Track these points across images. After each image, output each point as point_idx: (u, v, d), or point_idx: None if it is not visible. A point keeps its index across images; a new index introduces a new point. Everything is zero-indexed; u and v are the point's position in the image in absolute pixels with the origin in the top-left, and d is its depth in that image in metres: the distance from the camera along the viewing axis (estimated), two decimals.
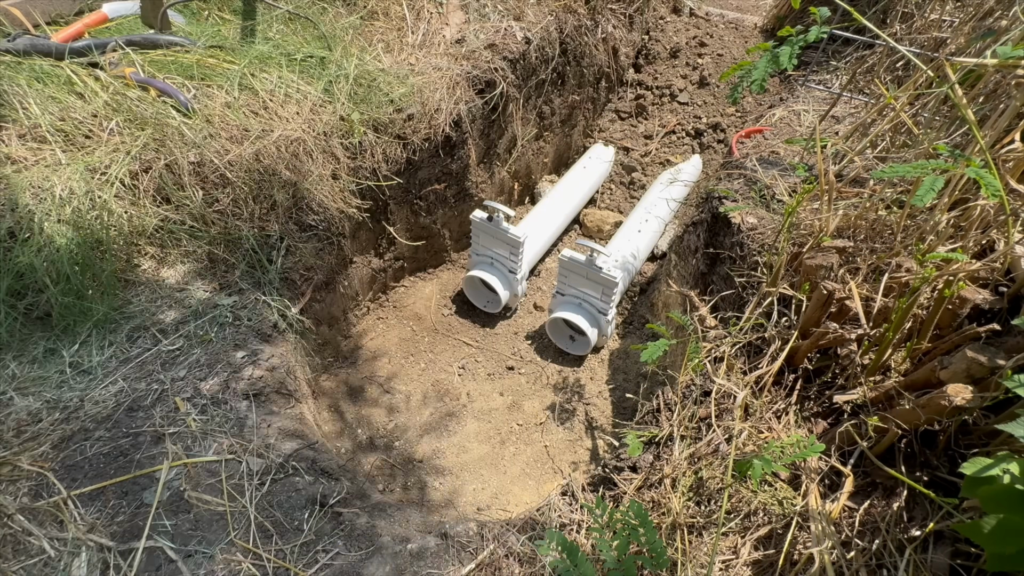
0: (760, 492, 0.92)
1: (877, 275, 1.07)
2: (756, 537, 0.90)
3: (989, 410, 0.83)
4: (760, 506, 0.92)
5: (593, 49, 2.49)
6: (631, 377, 1.92)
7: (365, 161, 1.65)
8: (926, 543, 0.80)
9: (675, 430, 1.10)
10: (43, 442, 1.01)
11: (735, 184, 1.59)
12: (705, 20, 2.99)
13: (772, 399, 1.05)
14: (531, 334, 2.07)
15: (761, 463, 0.83)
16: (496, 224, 1.88)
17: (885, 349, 0.94)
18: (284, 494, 1.02)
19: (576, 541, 0.99)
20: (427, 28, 1.96)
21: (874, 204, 1.22)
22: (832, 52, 2.24)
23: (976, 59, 1.07)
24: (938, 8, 1.82)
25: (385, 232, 1.91)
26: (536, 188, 2.61)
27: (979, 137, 0.94)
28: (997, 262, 0.93)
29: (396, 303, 2.12)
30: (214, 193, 1.38)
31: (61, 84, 1.39)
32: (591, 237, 2.45)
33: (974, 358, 0.78)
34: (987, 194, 0.82)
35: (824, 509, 0.86)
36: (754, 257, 1.34)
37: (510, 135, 2.22)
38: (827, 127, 1.75)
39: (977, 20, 1.50)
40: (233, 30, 1.77)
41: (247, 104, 1.48)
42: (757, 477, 0.83)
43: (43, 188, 1.21)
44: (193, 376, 1.15)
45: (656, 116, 2.80)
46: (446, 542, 1.01)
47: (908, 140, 1.43)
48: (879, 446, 0.90)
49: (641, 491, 1.03)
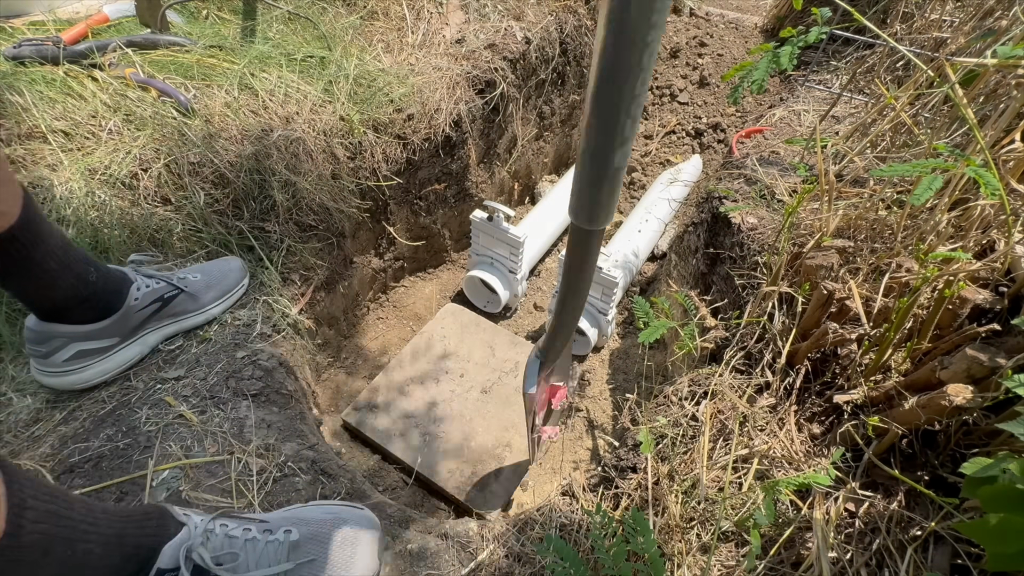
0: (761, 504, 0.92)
1: (877, 275, 1.07)
2: None
3: (989, 410, 0.83)
4: None
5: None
6: (631, 377, 1.92)
7: (365, 161, 1.65)
8: (927, 543, 0.80)
9: (675, 430, 1.10)
10: (43, 442, 1.01)
11: (735, 184, 1.59)
12: (705, 20, 2.99)
13: (772, 400, 1.05)
14: (531, 334, 2.07)
15: (767, 508, 0.83)
16: (496, 224, 1.88)
17: (885, 349, 0.94)
18: (284, 495, 1.02)
19: (576, 541, 0.99)
20: (427, 28, 1.96)
21: (874, 204, 1.22)
22: (832, 52, 2.24)
23: (976, 59, 1.07)
24: (938, 8, 1.82)
25: (385, 232, 1.91)
26: (536, 188, 2.61)
27: (979, 137, 0.94)
28: (997, 262, 0.93)
29: (396, 303, 2.12)
30: (214, 193, 1.38)
31: (61, 85, 1.39)
32: None
33: (974, 358, 0.78)
34: (987, 194, 0.82)
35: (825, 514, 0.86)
36: (754, 257, 1.34)
37: (510, 135, 2.22)
38: (827, 127, 1.75)
39: (977, 20, 1.50)
40: (232, 30, 1.77)
41: (247, 104, 1.48)
42: (771, 515, 0.83)
43: (43, 188, 1.21)
44: (193, 376, 1.14)
45: (656, 116, 2.80)
46: (446, 542, 1.01)
47: (908, 140, 1.43)
48: (879, 446, 0.90)
49: (641, 491, 1.03)
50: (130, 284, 1.10)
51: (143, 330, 1.14)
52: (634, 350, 2.00)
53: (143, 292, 1.11)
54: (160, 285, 1.14)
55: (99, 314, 1.06)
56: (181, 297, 1.17)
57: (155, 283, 1.13)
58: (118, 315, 1.07)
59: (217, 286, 1.24)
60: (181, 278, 1.18)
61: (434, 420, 1.70)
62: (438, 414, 1.72)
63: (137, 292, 1.10)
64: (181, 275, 1.20)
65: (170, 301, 1.15)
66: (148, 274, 1.14)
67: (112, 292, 1.07)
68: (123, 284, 1.09)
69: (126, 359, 1.13)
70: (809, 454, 0.97)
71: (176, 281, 1.16)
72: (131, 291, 1.09)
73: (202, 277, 1.22)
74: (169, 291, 1.15)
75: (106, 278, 1.05)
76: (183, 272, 1.22)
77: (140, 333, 1.14)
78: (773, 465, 0.97)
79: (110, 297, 1.07)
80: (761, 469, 0.96)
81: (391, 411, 1.71)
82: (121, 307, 1.08)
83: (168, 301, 1.15)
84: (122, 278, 1.09)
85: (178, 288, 1.16)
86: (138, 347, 1.15)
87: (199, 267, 1.26)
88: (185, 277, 1.19)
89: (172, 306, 1.16)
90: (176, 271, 1.22)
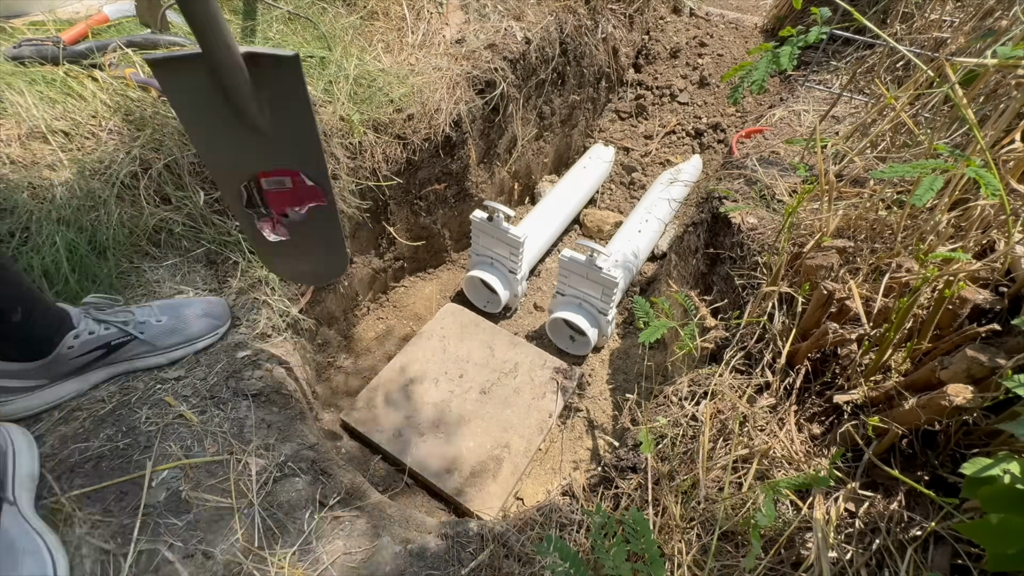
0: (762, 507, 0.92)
1: (877, 275, 1.07)
2: None
3: (989, 410, 0.83)
4: None
5: (593, 49, 2.50)
6: (631, 377, 1.92)
7: (365, 161, 1.65)
8: (927, 543, 0.80)
9: (675, 430, 1.10)
10: (43, 442, 1.01)
11: (735, 184, 1.59)
12: (705, 20, 2.99)
13: (772, 400, 1.05)
14: (531, 334, 2.07)
15: (767, 508, 0.83)
16: (496, 224, 1.88)
17: (885, 349, 0.94)
18: (284, 495, 1.02)
19: (576, 542, 0.99)
20: (427, 28, 1.96)
21: (874, 204, 1.22)
22: (832, 52, 2.24)
23: (976, 59, 1.07)
24: (938, 8, 1.82)
25: (385, 232, 1.91)
26: (536, 188, 2.61)
27: (979, 137, 0.94)
28: (997, 262, 0.93)
29: (396, 303, 2.12)
30: (214, 193, 1.38)
31: (61, 85, 1.39)
32: (591, 237, 2.45)
33: (974, 358, 0.78)
34: (987, 194, 0.82)
35: (825, 514, 0.86)
36: (754, 257, 1.34)
37: (510, 135, 2.22)
38: (827, 127, 1.75)
39: (977, 20, 1.50)
40: (232, 30, 1.77)
41: None
42: (771, 516, 0.83)
43: (43, 188, 1.21)
44: (193, 376, 1.14)
45: (656, 116, 2.80)
46: (447, 542, 1.01)
47: (908, 140, 1.43)
48: (879, 446, 0.90)
49: (641, 491, 1.03)
50: (68, 330, 1.02)
51: (85, 371, 1.07)
52: (634, 350, 2.00)
53: (82, 340, 1.03)
54: (109, 331, 1.06)
55: (21, 354, 0.99)
56: (133, 344, 1.10)
57: (103, 329, 1.06)
58: (45, 361, 1.01)
59: (183, 331, 1.15)
60: (140, 322, 1.11)
61: (433, 421, 1.70)
62: (437, 415, 1.72)
63: (74, 340, 1.02)
64: (142, 318, 1.11)
65: (118, 348, 1.08)
66: (100, 319, 1.07)
67: (40, 338, 1.00)
68: (57, 330, 1.02)
69: (58, 396, 1.05)
70: (809, 454, 0.97)
71: (132, 327, 1.09)
72: (66, 338, 1.02)
73: (167, 321, 1.14)
74: (118, 337, 1.08)
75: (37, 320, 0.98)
76: (146, 313, 1.13)
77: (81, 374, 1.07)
78: (773, 465, 0.97)
79: (37, 341, 1.00)
80: (761, 469, 0.96)
81: (391, 411, 1.71)
82: (50, 354, 1.01)
83: (115, 348, 1.08)
84: (60, 322, 1.02)
85: (130, 335, 1.09)
86: (76, 384, 1.07)
87: (171, 306, 1.17)
88: (145, 321, 1.11)
89: (121, 352, 1.09)
90: (139, 312, 1.13)
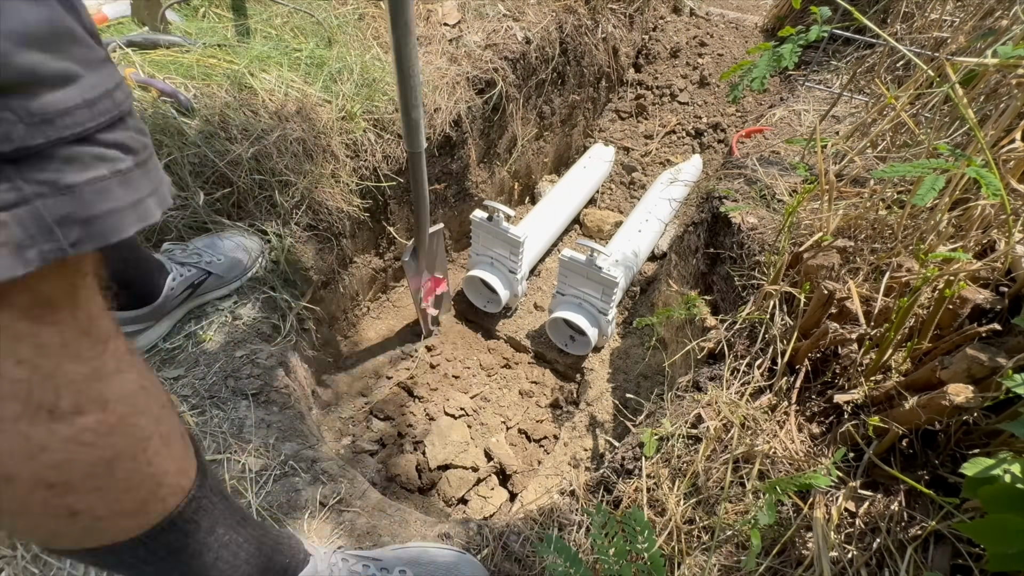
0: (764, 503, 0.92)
1: (877, 275, 1.07)
2: None
3: (990, 410, 0.83)
4: None
5: (593, 49, 2.49)
6: (631, 377, 1.92)
7: (365, 161, 1.65)
8: (927, 543, 0.80)
9: (674, 431, 1.10)
10: None
11: (735, 184, 1.59)
12: (705, 20, 2.99)
13: (772, 400, 1.05)
14: (531, 333, 2.07)
15: (768, 509, 0.83)
16: (496, 224, 1.88)
17: (886, 349, 0.94)
18: (284, 495, 1.02)
19: (576, 542, 0.99)
20: (427, 28, 1.96)
21: (874, 204, 1.22)
22: (832, 52, 2.24)
23: (977, 59, 1.07)
24: (938, 8, 1.82)
25: (385, 232, 1.90)
26: (536, 188, 2.61)
27: (980, 137, 0.94)
28: (998, 262, 0.93)
29: (396, 303, 2.12)
30: (214, 193, 1.38)
31: None
32: (591, 237, 2.45)
33: (975, 358, 0.78)
34: (988, 194, 0.82)
35: (826, 514, 0.86)
36: (754, 257, 1.34)
37: (510, 135, 2.22)
38: (827, 127, 1.74)
39: (977, 20, 1.50)
40: (232, 29, 1.77)
41: (247, 104, 1.47)
42: (772, 515, 0.83)
43: None
44: (192, 375, 1.14)
45: (656, 116, 2.80)
46: (447, 542, 1.01)
47: (909, 140, 1.43)
48: (880, 446, 0.90)
49: (641, 492, 1.03)
50: (167, 275, 1.16)
51: (175, 311, 1.24)
52: (634, 350, 2.00)
53: (178, 281, 1.19)
54: (192, 272, 1.22)
55: (138, 302, 1.12)
56: (210, 280, 1.26)
57: (187, 271, 1.21)
58: (153, 306, 1.15)
59: (238, 264, 1.33)
60: (208, 261, 1.26)
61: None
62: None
63: (172, 283, 1.17)
64: (208, 258, 1.27)
65: (199, 285, 1.24)
66: (181, 261, 1.21)
67: (152, 286, 1.14)
68: (160, 275, 1.15)
69: (159, 334, 1.22)
70: (810, 454, 0.97)
71: (204, 265, 1.25)
72: (167, 282, 1.16)
73: (224, 259, 1.30)
74: (199, 276, 1.24)
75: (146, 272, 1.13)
76: (207, 252, 1.28)
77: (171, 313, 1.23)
78: (774, 465, 0.97)
79: (149, 290, 1.13)
80: (762, 469, 0.96)
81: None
82: (158, 298, 1.15)
83: (198, 286, 1.24)
84: (160, 270, 1.16)
85: (207, 272, 1.25)
86: (168, 322, 1.24)
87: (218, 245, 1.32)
88: (212, 260, 1.27)
89: (200, 288, 1.25)
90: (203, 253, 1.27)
